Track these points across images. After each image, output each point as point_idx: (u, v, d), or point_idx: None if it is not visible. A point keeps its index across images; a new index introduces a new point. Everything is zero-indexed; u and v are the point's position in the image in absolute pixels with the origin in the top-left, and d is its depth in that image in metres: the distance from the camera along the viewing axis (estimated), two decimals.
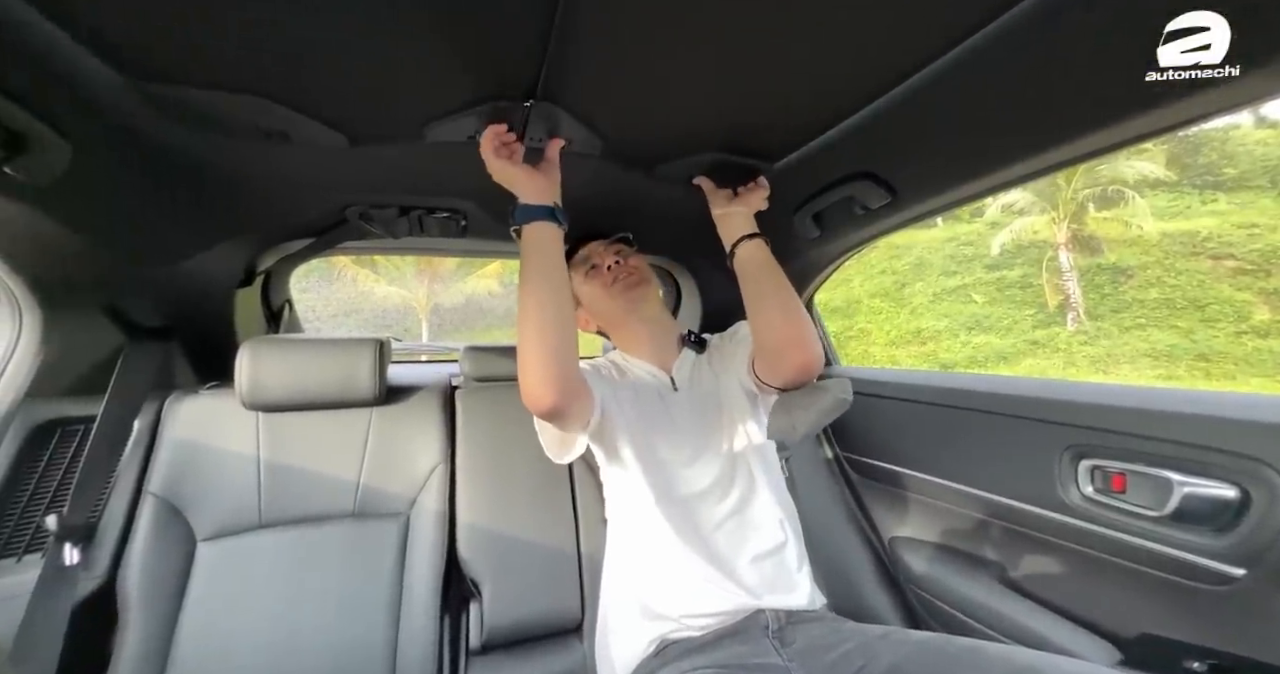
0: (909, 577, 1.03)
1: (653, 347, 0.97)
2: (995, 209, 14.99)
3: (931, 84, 0.65)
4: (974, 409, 0.95)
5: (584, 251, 1.01)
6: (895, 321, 14.89)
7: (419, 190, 1.00)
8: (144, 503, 0.88)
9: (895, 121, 0.75)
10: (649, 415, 0.90)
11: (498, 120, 0.72)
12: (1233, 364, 10.69)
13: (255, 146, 0.77)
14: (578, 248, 1.02)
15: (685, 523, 0.84)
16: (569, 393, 0.72)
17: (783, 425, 0.87)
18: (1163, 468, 0.70)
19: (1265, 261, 12.19)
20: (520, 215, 0.73)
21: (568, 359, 0.72)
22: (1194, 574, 0.67)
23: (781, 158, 0.89)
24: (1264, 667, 0.64)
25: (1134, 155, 12.92)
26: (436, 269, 16.44)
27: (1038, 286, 13.57)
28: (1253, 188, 13.94)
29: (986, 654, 0.64)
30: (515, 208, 0.73)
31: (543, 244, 0.73)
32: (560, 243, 0.74)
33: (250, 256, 1.13)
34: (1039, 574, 0.88)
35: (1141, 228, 12.65)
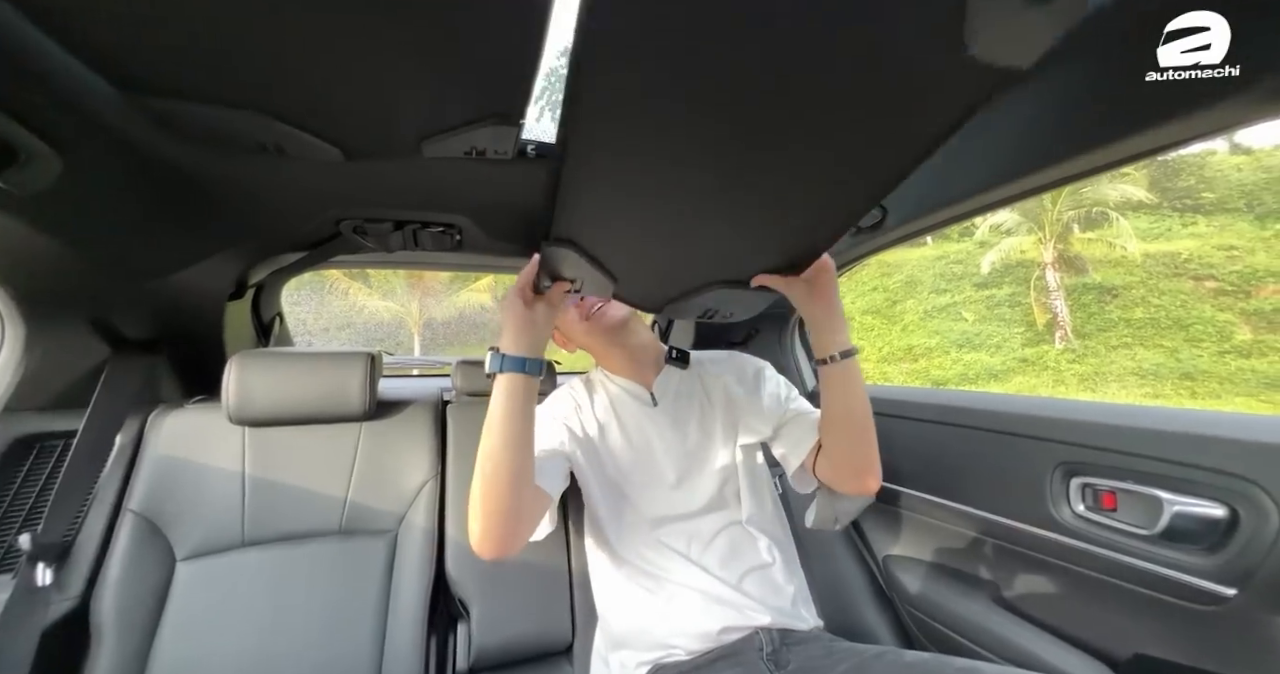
0: (903, 596, 1.02)
1: (634, 366, 0.96)
2: (984, 229, 15.27)
3: None
4: (967, 426, 0.96)
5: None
6: (887, 338, 15.01)
7: (414, 205, 1.00)
8: (123, 520, 0.85)
9: None
10: (628, 436, 0.90)
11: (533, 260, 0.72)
12: (1217, 383, 10.85)
13: (251, 160, 0.77)
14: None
15: (672, 544, 0.83)
16: (514, 545, 0.70)
17: (826, 517, 0.95)
18: (1152, 486, 0.71)
19: (1245, 283, 12.47)
20: (497, 364, 0.70)
21: (515, 520, 0.69)
22: (1186, 594, 0.67)
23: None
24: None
25: (1116, 178, 13.26)
26: (428, 283, 16.42)
27: (1026, 305, 13.77)
28: (1230, 211, 14.33)
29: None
30: (493, 352, 0.71)
31: (514, 394, 0.69)
32: (534, 396, 0.72)
33: (242, 269, 1.12)
34: (1032, 593, 0.87)
35: (1125, 248, 12.93)
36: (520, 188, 0.96)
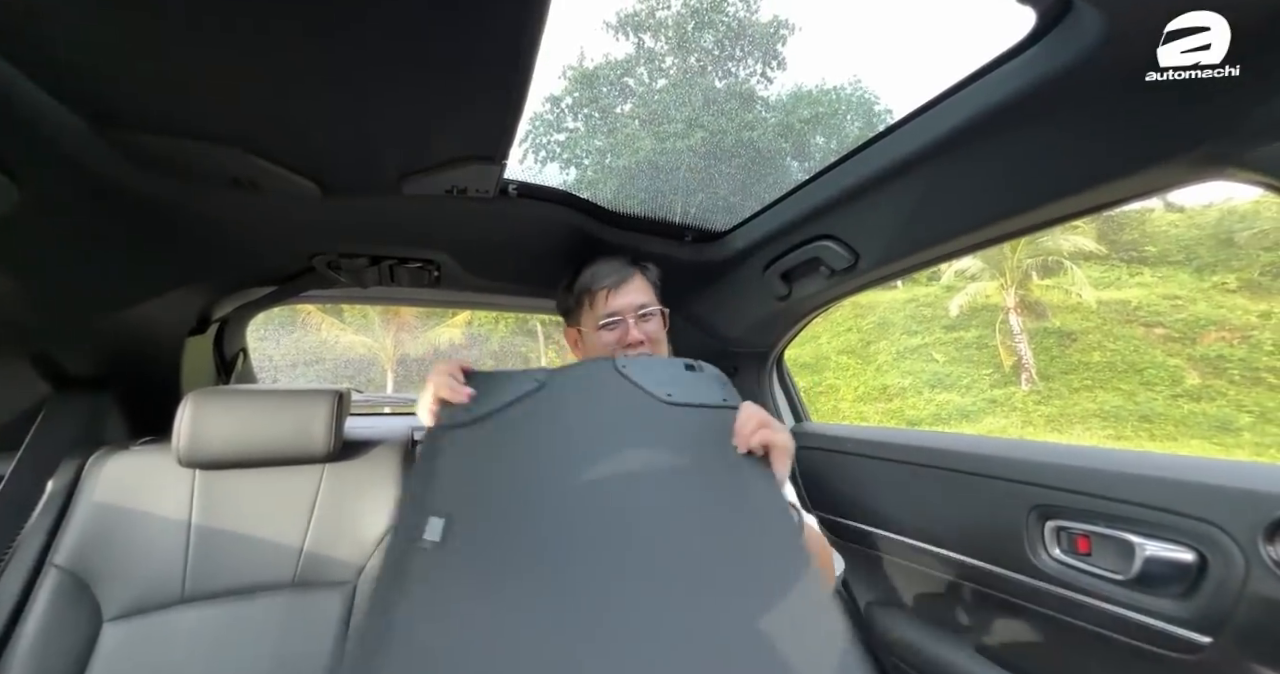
0: (885, 644, 0.99)
1: None
2: (950, 274, 15.94)
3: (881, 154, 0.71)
4: (944, 468, 0.96)
5: (617, 303, 0.94)
6: (862, 378, 15.25)
7: (393, 241, 0.99)
8: (45, 576, 0.77)
9: (853, 190, 0.81)
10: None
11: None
12: (1172, 426, 11.26)
13: (222, 194, 0.75)
14: (605, 279, 0.95)
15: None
16: None
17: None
18: (1124, 530, 0.71)
19: (1190, 330, 13.19)
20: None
21: None
22: (1163, 642, 0.66)
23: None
24: None
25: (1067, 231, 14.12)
26: (403, 318, 16.18)
27: (992, 347, 14.24)
28: (1171, 263, 15.33)
29: None
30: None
31: None
32: None
33: (205, 303, 1.08)
34: (1013, 641, 0.85)
35: (1080, 295, 13.62)
36: (501, 225, 0.96)
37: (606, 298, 0.94)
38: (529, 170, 2.94)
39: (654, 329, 0.95)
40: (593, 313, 0.96)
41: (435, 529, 0.56)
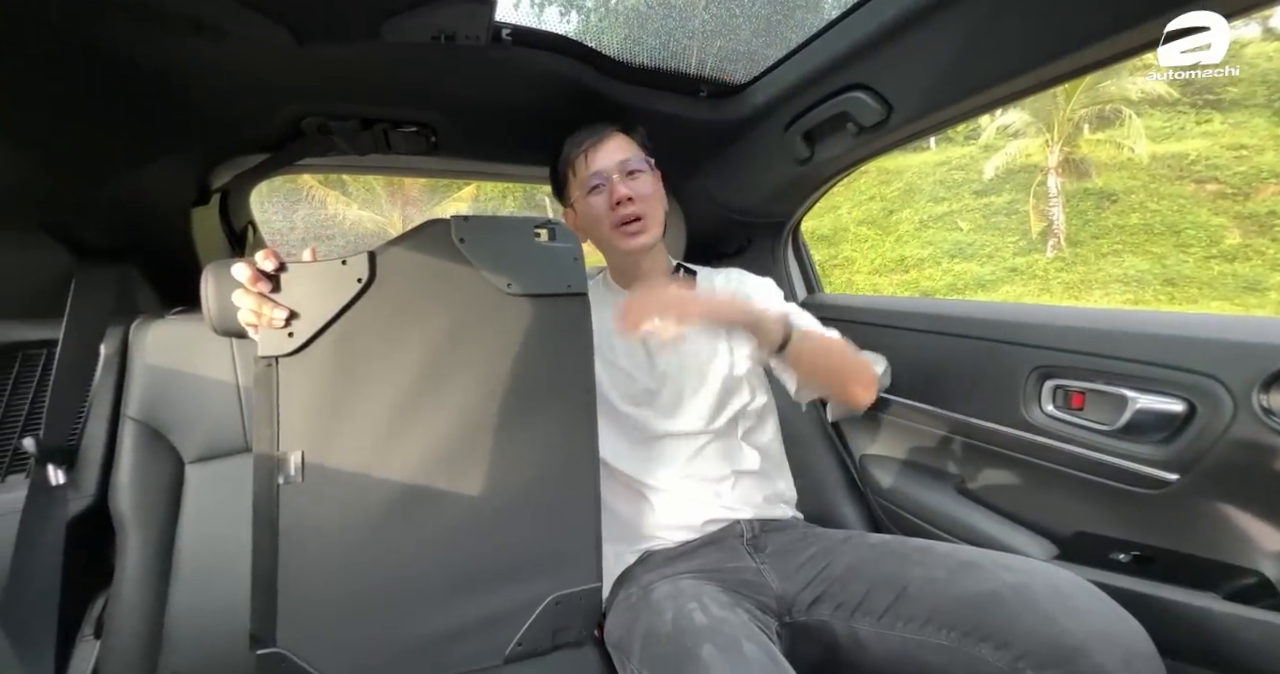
0: (875, 489, 1.11)
1: (640, 280, 0.95)
2: (991, 131, 14.53)
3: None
4: (951, 334, 0.98)
5: (598, 162, 0.88)
6: (880, 250, 14.88)
7: (381, 100, 0.92)
8: (124, 427, 0.86)
9: (890, 30, 0.71)
10: (630, 350, 0.91)
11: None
12: (1196, 288, 11.07)
13: (189, 43, 0.68)
14: (584, 141, 0.89)
15: (666, 458, 0.87)
16: None
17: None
18: (1120, 386, 0.74)
19: (1246, 184, 12.23)
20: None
21: None
22: (1133, 480, 0.73)
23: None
24: (1178, 554, 0.72)
25: (1136, 71, 12.41)
26: (409, 192, 15.67)
27: (1023, 213, 13.54)
28: (1250, 107, 13.61)
29: (934, 552, 0.70)
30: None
31: None
32: None
33: (200, 172, 1.05)
34: (993, 484, 0.95)
35: (1133, 150, 12.45)
36: (497, 80, 0.88)
37: (587, 159, 0.88)
38: (526, 16, 2.54)
39: (643, 186, 0.88)
40: (578, 181, 0.90)
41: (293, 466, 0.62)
